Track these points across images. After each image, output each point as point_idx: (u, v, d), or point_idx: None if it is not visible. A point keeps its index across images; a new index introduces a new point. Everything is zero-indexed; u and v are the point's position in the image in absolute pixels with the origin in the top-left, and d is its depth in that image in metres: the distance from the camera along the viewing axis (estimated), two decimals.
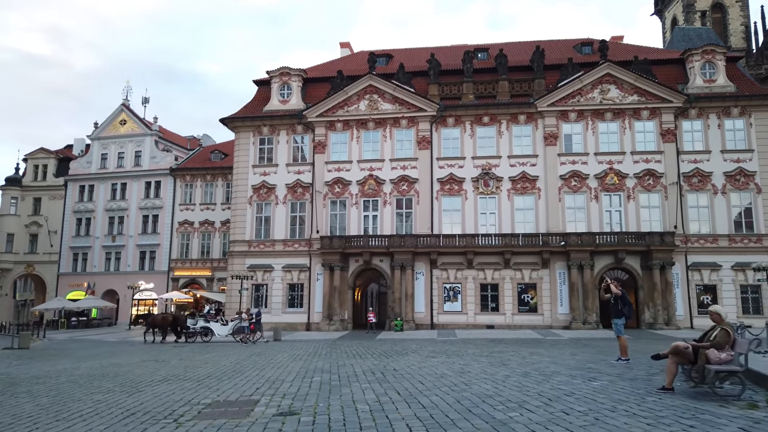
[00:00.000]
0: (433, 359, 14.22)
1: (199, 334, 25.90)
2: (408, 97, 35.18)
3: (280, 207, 36.00)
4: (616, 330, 12.52)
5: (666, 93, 33.71)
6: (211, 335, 25.80)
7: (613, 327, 12.65)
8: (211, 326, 26.04)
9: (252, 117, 36.64)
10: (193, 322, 26.30)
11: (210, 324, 26.23)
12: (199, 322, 26.26)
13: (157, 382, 10.91)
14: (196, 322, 26.31)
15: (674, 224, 32.83)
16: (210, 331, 25.92)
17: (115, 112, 47.19)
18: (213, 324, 26.32)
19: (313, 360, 14.72)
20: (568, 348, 18.52)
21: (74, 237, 46.46)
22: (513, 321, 33.03)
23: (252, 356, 16.61)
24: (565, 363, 12.59)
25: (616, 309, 12.60)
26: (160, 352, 19.28)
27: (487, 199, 34.47)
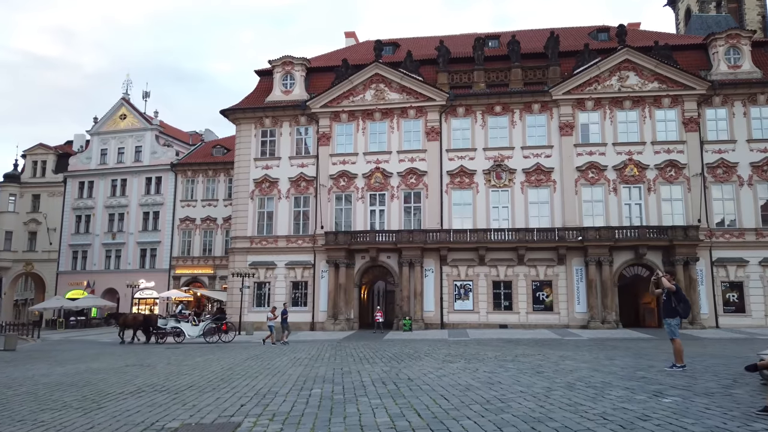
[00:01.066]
0: (451, 365, 12.28)
1: (169, 334, 24.89)
2: (416, 86, 33.23)
3: (283, 202, 34.13)
4: (669, 332, 10.54)
5: (688, 79, 31.61)
6: (183, 336, 24.64)
7: (666, 328, 10.67)
8: (182, 326, 24.73)
9: (253, 108, 34.78)
10: (164, 323, 25.21)
11: (180, 324, 24.90)
12: (169, 323, 25.12)
13: (127, 394, 9.04)
14: (167, 322, 25.20)
15: (698, 218, 30.74)
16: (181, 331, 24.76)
17: (114, 106, 45.50)
18: (183, 324, 24.92)
19: (315, 365, 12.82)
20: (597, 350, 16.53)
21: (74, 234, 44.79)
22: (527, 320, 31.03)
23: (247, 360, 14.72)
24: (607, 370, 10.61)
25: (669, 307, 10.60)
26: (148, 355, 17.42)
27: (500, 193, 32.47)
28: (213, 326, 24.74)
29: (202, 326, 24.63)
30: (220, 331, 24.59)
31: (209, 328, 24.51)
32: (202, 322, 25.23)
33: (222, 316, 27.88)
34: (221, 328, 24.72)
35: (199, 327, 24.59)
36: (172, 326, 24.84)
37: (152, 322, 25.51)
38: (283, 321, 23.40)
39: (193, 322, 25.13)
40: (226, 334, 24.67)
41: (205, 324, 24.89)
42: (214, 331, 24.43)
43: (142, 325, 25.46)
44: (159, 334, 25.12)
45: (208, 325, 24.75)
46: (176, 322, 25.05)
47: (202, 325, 24.73)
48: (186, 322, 25.05)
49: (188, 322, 25.08)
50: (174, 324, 24.90)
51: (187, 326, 24.67)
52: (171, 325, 24.90)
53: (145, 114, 45.84)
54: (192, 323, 24.94)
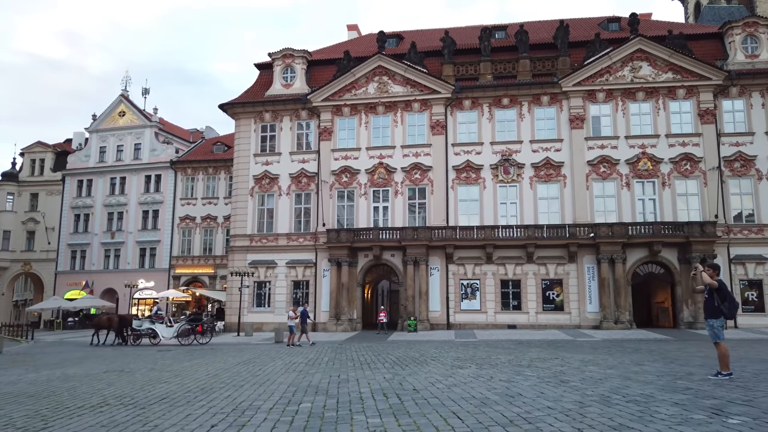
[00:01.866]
0: (461, 371, 10.90)
1: (144, 336, 24.16)
2: (420, 78, 31.84)
3: (284, 198, 32.80)
4: (712, 335, 9.10)
5: (704, 69, 30.10)
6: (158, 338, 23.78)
7: (707, 330, 9.23)
8: (156, 328, 23.96)
9: (253, 102, 33.45)
10: (138, 324, 24.50)
11: (155, 326, 24.10)
12: (144, 324, 24.39)
13: (87, 408, 7.71)
14: (142, 324, 24.49)
15: (715, 213, 29.22)
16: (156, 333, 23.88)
17: (113, 103, 44.31)
18: (157, 326, 24.13)
19: (310, 372, 11.46)
20: (619, 354, 15.10)
21: (72, 234, 43.62)
22: (537, 320, 29.58)
23: (238, 365, 13.38)
24: (642, 379, 9.20)
25: (710, 306, 9.16)
26: (134, 359, 16.11)
27: (508, 188, 31.04)
28: (188, 327, 23.86)
29: (177, 327, 23.75)
30: (195, 332, 23.70)
31: (183, 330, 23.62)
32: (177, 323, 24.33)
33: (198, 316, 26.97)
34: (197, 330, 23.82)
35: (173, 328, 23.73)
36: (146, 327, 24.09)
37: (127, 323, 24.89)
38: (303, 321, 22.02)
39: (168, 323, 24.28)
40: (202, 335, 23.81)
41: (179, 325, 23.99)
42: (188, 333, 23.55)
43: (117, 326, 24.74)
44: (134, 335, 24.37)
45: (182, 327, 23.85)
46: (151, 323, 24.32)
47: (177, 326, 23.84)
48: (161, 323, 24.22)
49: (163, 323, 24.23)
50: (149, 325, 24.16)
51: (162, 327, 23.93)
52: (146, 327, 24.15)
53: (145, 111, 44.65)
54: (167, 324, 24.10)
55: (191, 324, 24.25)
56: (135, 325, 24.57)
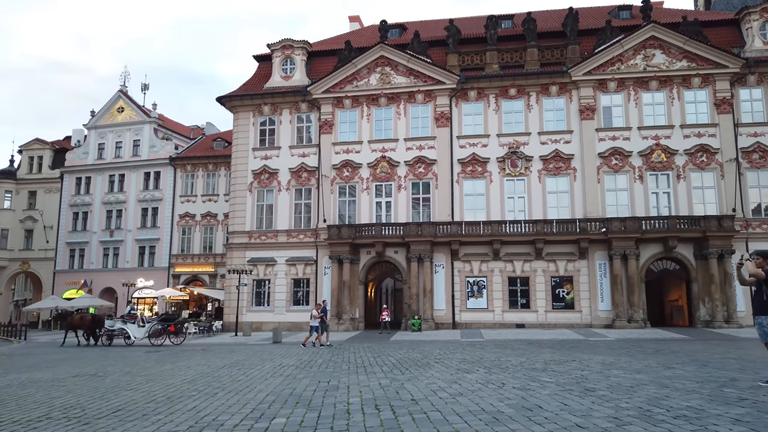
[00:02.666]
0: (467, 376, 9.54)
1: (116, 335, 23.40)
2: (424, 68, 30.47)
3: (283, 194, 31.52)
4: (762, 334, 7.68)
5: (720, 57, 28.58)
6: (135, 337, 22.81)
7: (757, 329, 7.81)
8: (127, 328, 23.01)
9: (251, 95, 32.20)
10: (110, 324, 23.60)
11: (126, 326, 23.16)
12: (116, 324, 23.48)
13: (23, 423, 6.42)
14: (114, 324, 23.59)
15: (732, 207, 27.72)
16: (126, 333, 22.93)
17: (112, 99, 43.18)
18: (129, 326, 23.16)
19: (299, 376, 10.13)
20: (641, 355, 13.68)
21: (71, 232, 42.52)
22: (546, 319, 28.15)
23: (222, 368, 12.08)
24: (680, 386, 7.80)
25: (759, 300, 7.75)
26: (115, 362, 14.83)
27: (515, 182, 29.63)
28: (159, 328, 22.91)
29: (148, 327, 22.80)
30: (167, 333, 22.78)
31: (155, 330, 22.67)
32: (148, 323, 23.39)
33: (171, 316, 25.98)
34: (169, 330, 22.90)
35: (145, 328, 22.80)
36: (118, 328, 23.22)
37: (100, 323, 24.03)
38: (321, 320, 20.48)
39: (140, 323, 23.23)
40: (176, 336, 23.00)
41: (150, 325, 23.01)
42: (160, 333, 22.59)
43: (89, 326, 23.88)
44: (106, 335, 23.55)
45: (154, 327, 22.89)
46: (123, 323, 23.38)
47: (148, 327, 22.88)
48: (133, 323, 23.22)
49: (135, 323, 23.21)
50: (120, 325, 23.25)
51: (133, 328, 22.98)
52: (117, 327, 23.27)
53: (144, 107, 43.49)
54: (139, 325, 23.09)
55: (163, 324, 23.28)
56: (107, 325, 23.60)
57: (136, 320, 23.52)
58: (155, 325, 23.08)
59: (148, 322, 23.39)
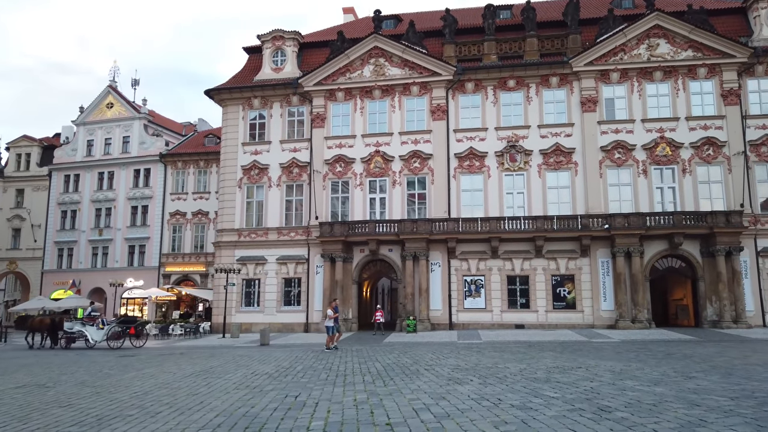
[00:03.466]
0: (459, 388, 8.20)
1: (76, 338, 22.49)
2: (420, 59, 29.13)
3: (274, 190, 30.17)
4: None
5: (727, 46, 27.23)
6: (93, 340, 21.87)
7: None
8: (86, 330, 22.07)
9: (240, 87, 30.83)
10: (69, 326, 22.59)
11: (85, 328, 22.18)
12: (75, 326, 22.51)
13: None
14: (73, 326, 22.61)
15: (740, 202, 26.36)
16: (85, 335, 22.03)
17: (101, 94, 41.82)
18: (88, 328, 22.18)
19: (267, 388, 8.80)
20: (653, 360, 12.35)
21: (59, 231, 41.17)
22: (547, 319, 26.81)
23: (188, 377, 10.76)
24: (712, 404, 6.47)
25: None
26: (79, 367, 13.51)
27: (514, 177, 28.28)
28: (118, 330, 21.88)
29: (106, 330, 21.80)
30: (126, 335, 21.77)
31: (113, 333, 21.70)
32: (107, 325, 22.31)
33: (131, 318, 24.81)
34: (128, 332, 21.85)
35: (103, 331, 21.80)
36: (77, 330, 22.25)
37: (60, 326, 23.07)
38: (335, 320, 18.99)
39: (100, 325, 22.14)
40: (137, 338, 22.04)
41: (109, 328, 21.96)
42: (119, 336, 21.64)
43: (49, 328, 23.04)
44: (65, 338, 22.60)
45: (112, 329, 21.87)
46: (82, 325, 22.35)
47: (107, 329, 21.86)
48: (91, 325, 22.15)
49: (94, 325, 22.13)
50: (79, 328, 22.25)
51: (92, 330, 21.97)
52: (76, 329, 22.28)
53: (134, 103, 42.17)
54: (99, 327, 22.04)
55: (122, 326, 22.13)
56: (66, 327, 22.49)
57: (95, 322, 22.27)
58: (114, 327, 21.96)
59: (107, 324, 22.15)
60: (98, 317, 22.90)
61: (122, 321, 23.10)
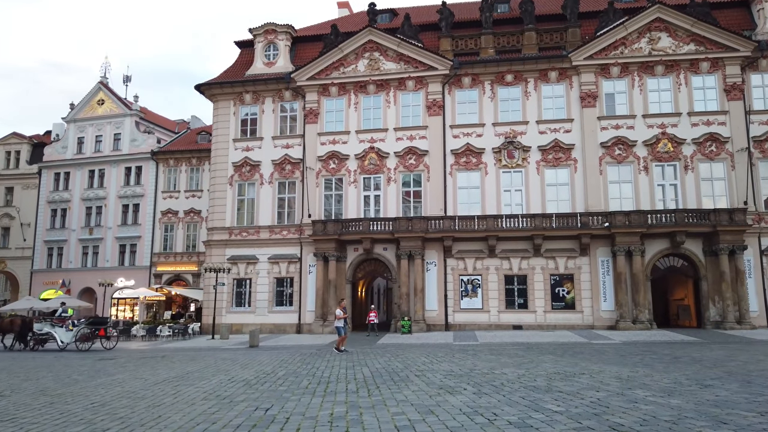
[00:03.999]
0: (451, 399, 7.32)
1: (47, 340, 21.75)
2: (415, 53, 28.25)
3: (266, 188, 29.27)
4: None
5: (731, 40, 26.40)
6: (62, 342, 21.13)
7: None
8: (55, 332, 21.32)
9: (232, 82, 29.92)
10: (39, 327, 21.64)
11: (54, 329, 21.43)
12: (45, 327, 21.76)
13: None
14: (42, 327, 21.85)
15: (744, 199, 25.53)
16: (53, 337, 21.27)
17: (91, 91, 40.88)
18: (57, 329, 21.42)
19: (237, 399, 7.91)
20: (660, 365, 11.49)
21: (49, 230, 40.22)
22: (545, 320, 25.96)
23: (159, 384, 9.87)
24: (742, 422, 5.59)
25: None
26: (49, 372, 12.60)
27: (512, 174, 27.41)
28: (86, 332, 21.06)
29: (75, 331, 21.01)
30: (95, 337, 21.03)
31: (82, 334, 20.90)
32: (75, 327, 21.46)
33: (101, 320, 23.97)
34: (98, 334, 21.07)
35: (72, 332, 21.04)
36: (46, 331, 21.53)
37: (30, 326, 22.29)
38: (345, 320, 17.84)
39: (70, 326, 21.35)
40: (107, 340, 21.37)
41: (78, 329, 21.11)
42: (87, 338, 20.87)
43: (19, 330, 22.20)
44: (34, 339, 21.81)
45: (81, 331, 21.04)
46: (51, 326, 21.63)
47: (75, 330, 21.05)
48: (60, 326, 21.42)
49: (63, 327, 21.38)
50: (48, 329, 21.51)
51: (61, 332, 21.20)
52: (46, 330, 21.56)
53: (125, 99, 41.24)
54: (68, 328, 21.30)
55: (91, 328, 21.26)
56: (36, 328, 21.67)
57: (65, 324, 21.39)
58: (82, 329, 21.07)
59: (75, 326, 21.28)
60: (68, 318, 21.99)
61: (91, 322, 22.13)
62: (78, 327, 21.18)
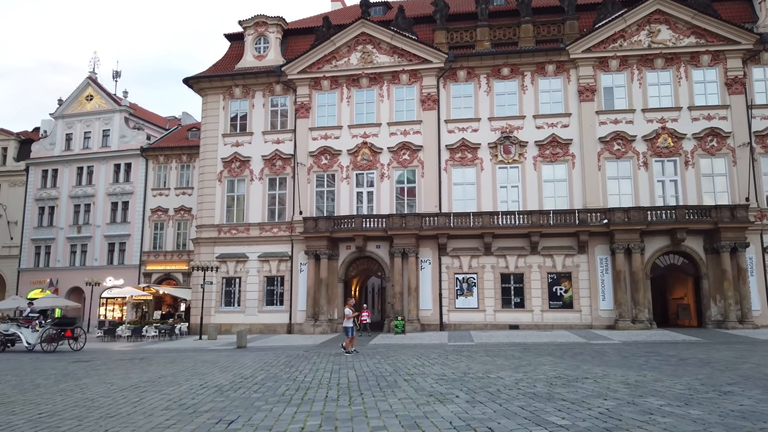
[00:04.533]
0: (440, 410, 6.46)
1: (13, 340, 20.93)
2: (409, 46, 27.39)
3: (256, 184, 28.36)
4: None
5: (732, 32, 25.63)
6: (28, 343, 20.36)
7: None
8: (20, 332, 20.54)
9: (221, 76, 28.99)
10: (5, 328, 20.95)
11: (20, 330, 20.66)
12: (11, 328, 20.75)
13: None
14: (8, 327, 20.89)
15: (745, 196, 24.77)
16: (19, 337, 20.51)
17: (80, 86, 39.85)
18: (23, 330, 20.64)
19: (201, 409, 7.04)
20: (668, 369, 10.66)
21: (36, 228, 39.15)
22: (542, 319, 25.13)
23: (123, 391, 8.98)
24: None
25: None
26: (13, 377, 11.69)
27: (509, 170, 26.59)
28: (52, 333, 20.28)
29: (41, 332, 20.21)
30: (61, 338, 20.34)
31: (48, 335, 20.12)
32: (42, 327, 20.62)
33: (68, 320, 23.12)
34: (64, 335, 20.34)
35: (38, 333, 20.25)
36: (11, 332, 20.79)
37: None
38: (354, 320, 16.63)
39: (37, 327, 20.49)
40: (75, 341, 20.51)
41: (43, 330, 20.31)
42: (53, 338, 20.12)
43: None
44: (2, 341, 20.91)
45: (47, 331, 20.23)
46: (17, 327, 20.82)
47: (41, 331, 20.25)
48: (27, 327, 20.59)
49: (29, 327, 20.55)
50: (14, 329, 20.74)
51: (27, 332, 20.39)
52: (11, 331, 20.82)
53: (115, 95, 40.23)
54: (34, 329, 20.47)
55: (57, 328, 20.44)
56: (1, 329, 20.88)
57: (32, 324, 20.46)
58: (48, 329, 20.20)
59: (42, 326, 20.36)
60: (36, 319, 21.03)
61: (57, 323, 21.24)
62: (44, 328, 20.23)
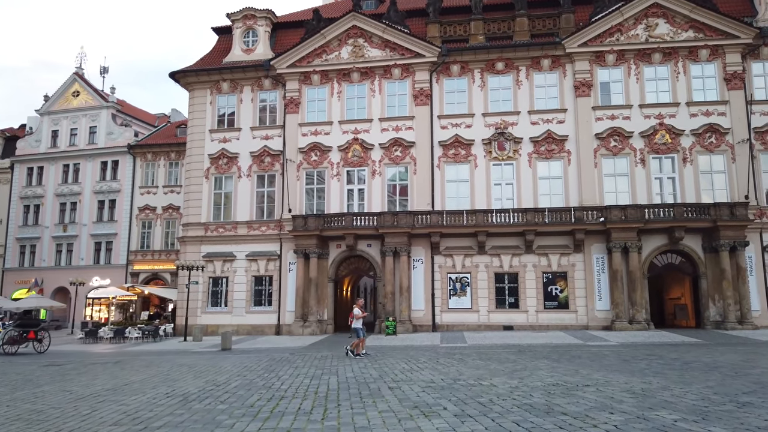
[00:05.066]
0: (424, 424, 5.65)
1: None
2: (402, 39, 26.57)
3: (244, 181, 27.47)
4: None
5: (731, 26, 24.94)
6: None
7: None
8: None
9: (208, 70, 28.07)
10: None
11: None
12: None
13: None
14: None
15: (745, 193, 24.08)
16: None
17: (66, 82, 38.89)
18: None
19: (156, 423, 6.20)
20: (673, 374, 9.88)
21: (21, 227, 38.20)
22: (537, 320, 24.37)
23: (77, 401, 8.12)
24: None
25: None
26: None
27: (503, 166, 25.80)
28: (14, 334, 19.39)
29: (2, 334, 19.40)
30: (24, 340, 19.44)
31: (10, 337, 19.20)
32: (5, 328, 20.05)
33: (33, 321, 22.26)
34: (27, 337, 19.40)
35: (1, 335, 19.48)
36: None
37: None
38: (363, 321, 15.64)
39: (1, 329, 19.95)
40: (39, 343, 19.52)
41: (5, 332, 19.54)
42: (15, 340, 19.16)
43: None
44: None
45: (8, 333, 19.38)
46: None
47: (2, 333, 19.46)
48: None
49: None
50: None
51: None
52: None
53: (102, 91, 39.27)
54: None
55: (19, 330, 19.51)
56: None
57: None
58: (10, 331, 19.34)
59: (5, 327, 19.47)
60: None
61: (20, 324, 20.24)
62: (6, 329, 19.30)
